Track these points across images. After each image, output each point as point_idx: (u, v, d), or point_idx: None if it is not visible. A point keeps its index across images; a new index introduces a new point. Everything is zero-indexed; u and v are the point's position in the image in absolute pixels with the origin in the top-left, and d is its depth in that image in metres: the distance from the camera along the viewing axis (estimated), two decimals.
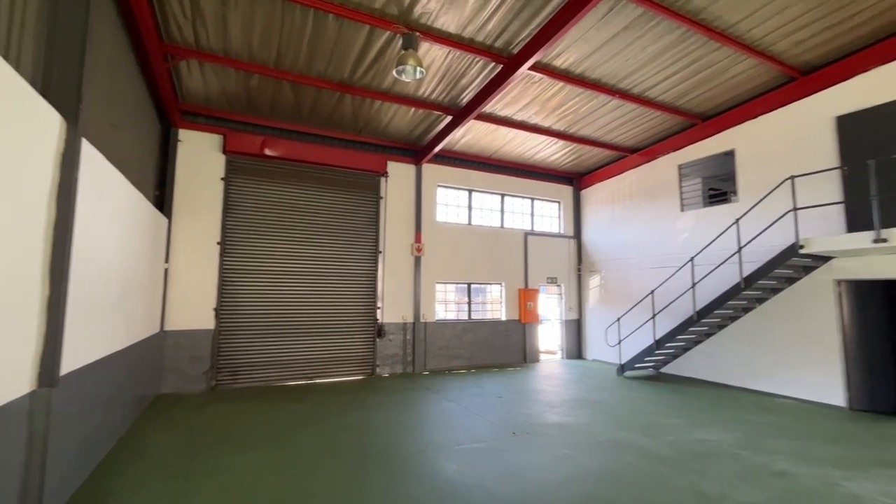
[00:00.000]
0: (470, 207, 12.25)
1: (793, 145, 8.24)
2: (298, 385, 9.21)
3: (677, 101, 9.22)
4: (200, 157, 8.98)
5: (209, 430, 6.06)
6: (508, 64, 7.48)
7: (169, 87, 7.52)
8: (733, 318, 8.92)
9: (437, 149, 10.32)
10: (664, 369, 10.49)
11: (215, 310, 8.84)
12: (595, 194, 13.20)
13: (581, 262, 13.54)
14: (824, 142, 7.75)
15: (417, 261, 11.04)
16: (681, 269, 9.72)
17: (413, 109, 9.27)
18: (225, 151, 9.13)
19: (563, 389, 8.92)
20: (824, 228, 7.62)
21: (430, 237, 11.35)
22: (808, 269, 7.76)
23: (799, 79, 8.09)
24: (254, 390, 8.64)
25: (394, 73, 6.70)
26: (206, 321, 8.77)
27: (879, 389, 7.17)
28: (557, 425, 6.49)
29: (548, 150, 11.83)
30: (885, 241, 5.96)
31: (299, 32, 6.73)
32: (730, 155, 9.41)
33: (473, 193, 12.36)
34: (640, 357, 9.73)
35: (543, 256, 12.98)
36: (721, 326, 9.16)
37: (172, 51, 6.90)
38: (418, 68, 6.49)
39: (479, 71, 7.92)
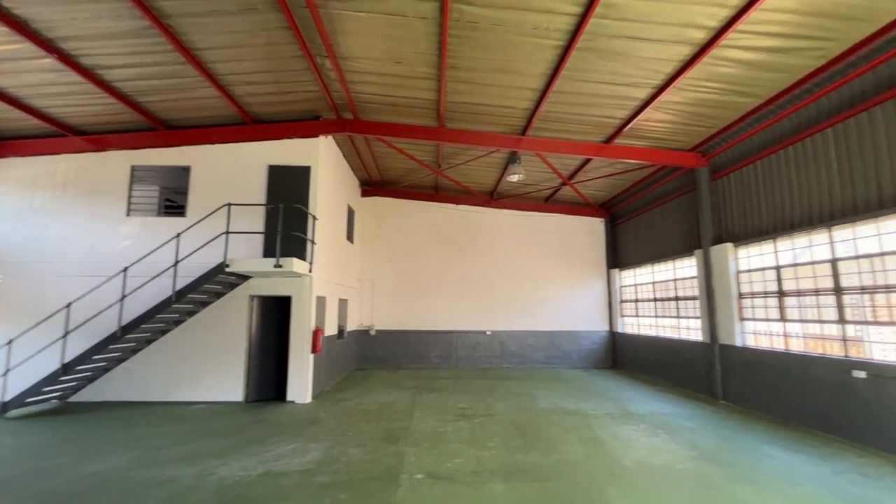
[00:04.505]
0: None
1: (238, 177, 9.50)
2: None
3: (139, 98, 8.49)
4: None
5: None
6: None
7: None
8: (164, 332, 8.87)
9: None
10: (75, 398, 8.79)
11: None
12: (9, 171, 9.67)
13: None
14: (259, 182, 9.47)
15: None
16: (111, 279, 8.65)
17: None
18: None
19: None
20: (251, 252, 9.14)
21: None
22: (233, 286, 8.99)
23: (250, 125, 9.57)
24: None
25: None
26: None
27: (268, 380, 9.22)
28: None
29: None
30: (281, 266, 7.88)
31: None
32: (186, 171, 9.62)
33: None
34: (36, 388, 7.63)
35: None
36: (150, 341, 8.85)
37: None
38: None
39: None
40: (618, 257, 14.83)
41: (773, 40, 6.30)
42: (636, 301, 13.70)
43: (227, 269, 7.91)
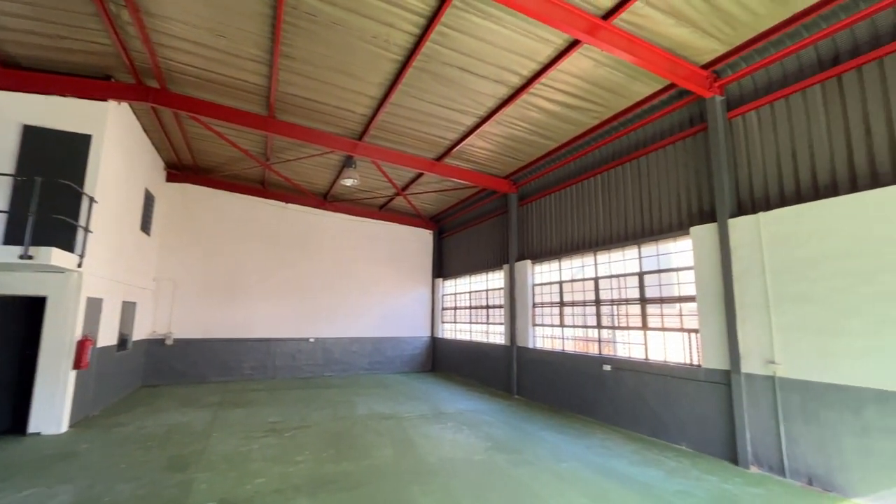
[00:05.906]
0: None
1: None
2: None
3: None
4: None
5: None
6: None
7: None
8: None
9: None
10: None
11: None
12: None
13: None
14: (6, 145, 7.15)
15: None
16: None
17: None
18: None
19: None
20: None
21: None
22: None
23: None
24: None
25: None
26: None
27: (2, 408, 6.92)
28: None
29: None
30: (31, 258, 6.06)
31: None
32: None
33: None
34: None
35: None
36: None
37: None
38: None
39: None
40: (442, 268, 15.96)
41: (565, 97, 7.73)
42: (455, 308, 14.92)
43: None
